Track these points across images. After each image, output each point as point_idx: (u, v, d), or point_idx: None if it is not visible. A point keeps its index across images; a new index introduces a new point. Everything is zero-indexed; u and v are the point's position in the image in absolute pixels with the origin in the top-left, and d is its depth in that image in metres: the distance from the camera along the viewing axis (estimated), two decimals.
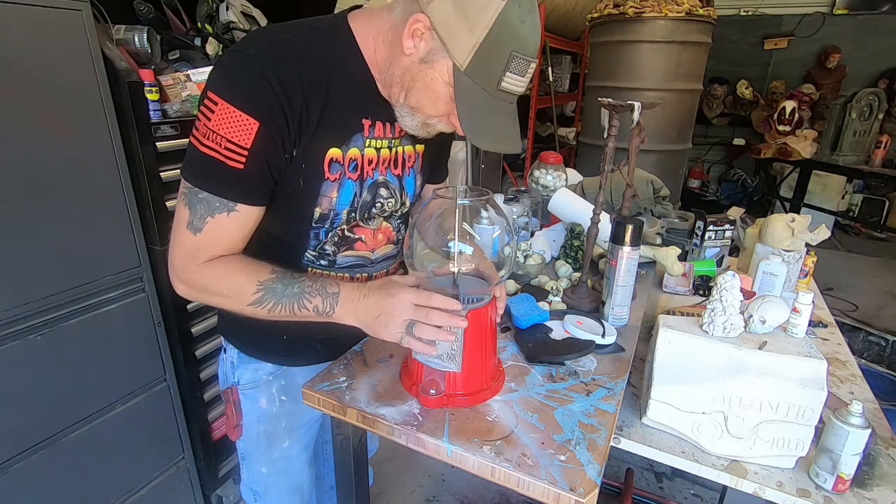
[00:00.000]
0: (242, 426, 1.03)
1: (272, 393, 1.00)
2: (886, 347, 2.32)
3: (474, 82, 0.71)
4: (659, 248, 1.38)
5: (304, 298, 0.77)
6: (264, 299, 0.77)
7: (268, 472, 1.05)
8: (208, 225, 0.75)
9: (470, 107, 0.73)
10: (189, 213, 0.75)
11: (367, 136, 0.84)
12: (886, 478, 0.81)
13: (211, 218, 0.75)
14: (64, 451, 1.27)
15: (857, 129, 3.56)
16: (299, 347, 0.98)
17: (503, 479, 0.70)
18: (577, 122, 4.69)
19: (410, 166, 0.95)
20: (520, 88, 0.74)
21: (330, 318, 0.79)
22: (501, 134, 0.77)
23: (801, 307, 0.83)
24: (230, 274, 0.77)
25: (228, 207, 0.75)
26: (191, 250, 0.77)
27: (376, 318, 0.76)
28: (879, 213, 4.47)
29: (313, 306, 0.78)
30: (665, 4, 2.91)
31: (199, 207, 0.74)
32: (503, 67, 0.70)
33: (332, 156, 0.81)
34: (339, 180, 0.83)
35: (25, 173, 1.11)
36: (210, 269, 0.77)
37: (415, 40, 0.71)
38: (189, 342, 1.54)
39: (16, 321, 1.14)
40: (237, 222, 0.77)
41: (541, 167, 1.74)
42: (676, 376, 0.84)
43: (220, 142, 0.71)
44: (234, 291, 0.77)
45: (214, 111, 0.70)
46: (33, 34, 1.08)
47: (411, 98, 0.77)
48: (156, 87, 1.33)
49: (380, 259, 0.97)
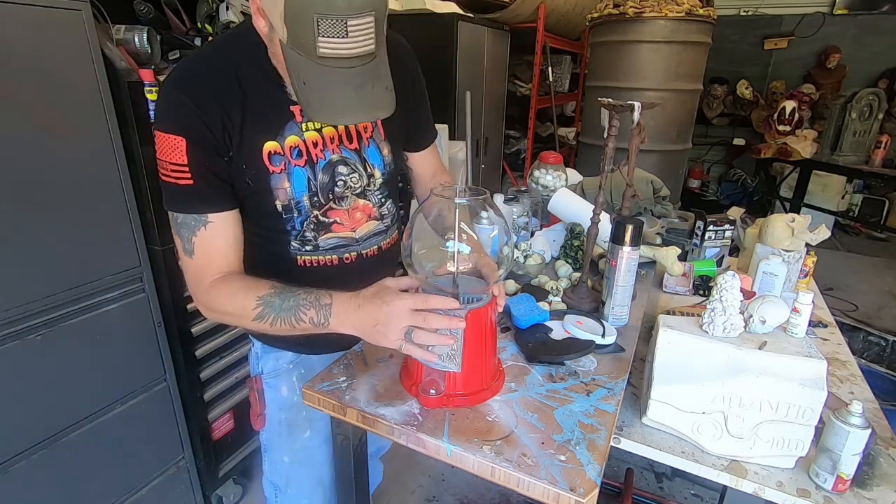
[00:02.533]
0: (266, 415, 1.05)
1: (292, 381, 1.03)
2: (886, 347, 2.32)
3: (298, 53, 0.68)
4: (659, 248, 1.38)
5: (300, 311, 0.79)
6: (265, 314, 0.80)
7: (290, 462, 1.06)
8: (196, 245, 0.81)
9: (301, 79, 0.70)
10: (180, 239, 0.82)
11: (301, 120, 0.86)
12: (886, 478, 0.81)
13: (195, 237, 0.81)
14: (64, 451, 1.27)
15: (857, 129, 3.57)
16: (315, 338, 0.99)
17: (503, 479, 0.70)
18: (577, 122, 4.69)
19: (368, 137, 0.94)
20: (347, 50, 0.67)
21: (327, 329, 0.80)
22: (338, 105, 0.72)
23: (801, 307, 0.83)
24: (233, 293, 0.82)
25: (202, 221, 0.81)
26: (194, 275, 0.83)
27: (374, 327, 0.76)
28: (879, 213, 4.47)
29: (308, 318, 0.79)
30: (665, 4, 2.91)
31: (183, 231, 0.81)
32: (313, 33, 0.65)
33: (270, 149, 0.83)
34: (285, 170, 0.85)
35: (25, 173, 1.11)
36: (215, 290, 0.82)
37: (258, 20, 0.72)
38: (189, 342, 1.54)
39: (16, 321, 1.14)
40: (216, 233, 0.82)
41: (541, 167, 1.74)
42: (676, 376, 0.84)
43: (166, 167, 0.78)
44: (238, 309, 0.81)
45: (157, 143, 0.78)
46: (33, 34, 1.08)
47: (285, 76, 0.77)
48: (156, 86, 1.33)
49: (365, 237, 0.98)
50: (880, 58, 4.59)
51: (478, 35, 3.21)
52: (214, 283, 0.82)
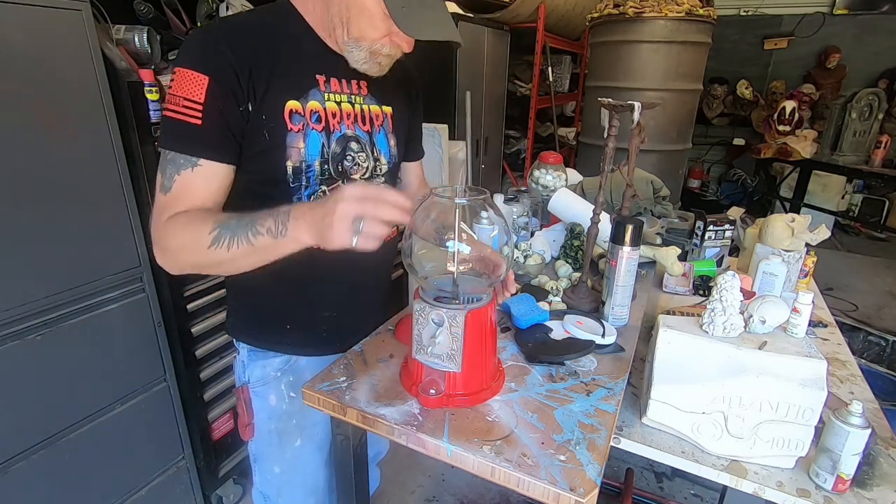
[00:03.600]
0: (254, 425, 1.03)
1: (281, 389, 1.01)
2: (886, 347, 2.32)
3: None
4: (659, 248, 1.38)
5: (257, 224, 0.74)
6: (221, 236, 0.75)
7: (280, 472, 1.04)
8: (176, 183, 0.79)
9: (399, 3, 0.79)
10: (161, 176, 0.80)
11: (324, 90, 0.89)
12: (886, 478, 0.81)
13: (178, 175, 0.78)
14: (64, 451, 1.27)
15: (857, 129, 3.57)
16: (304, 332, 1.00)
17: (503, 479, 0.70)
18: (577, 122, 4.69)
19: (380, 125, 0.98)
20: None
21: (286, 240, 0.74)
22: (436, 26, 0.83)
23: (801, 307, 0.83)
24: (188, 221, 0.78)
25: (192, 163, 0.79)
26: (159, 210, 0.80)
27: (323, 220, 0.71)
28: (879, 213, 4.47)
29: (266, 228, 0.74)
30: (665, 4, 2.91)
31: (169, 168, 0.79)
32: None
33: (292, 107, 0.85)
34: (302, 131, 0.86)
35: (25, 173, 1.11)
36: (171, 222, 0.78)
37: None
38: (189, 342, 1.54)
39: (16, 321, 1.14)
40: (202, 178, 0.80)
41: (541, 167, 1.74)
42: (676, 376, 0.84)
43: (178, 102, 0.77)
44: (192, 238, 0.76)
45: (174, 79, 0.78)
46: (33, 34, 1.08)
47: (352, 29, 0.83)
48: (156, 87, 1.33)
49: None
50: (880, 58, 4.59)
51: (478, 35, 3.21)
52: (173, 216, 0.78)
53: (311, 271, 0.95)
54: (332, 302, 1.00)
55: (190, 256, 0.79)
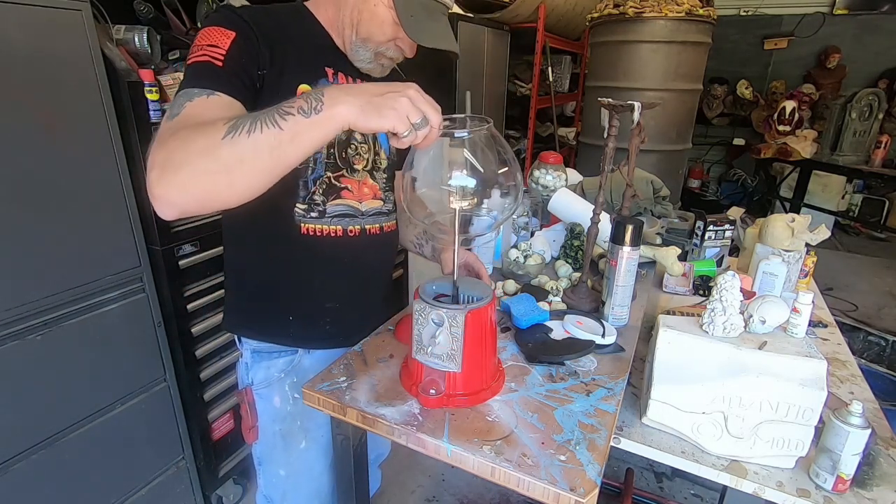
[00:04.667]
0: (258, 427, 1.02)
1: (285, 391, 1.01)
2: (886, 347, 2.32)
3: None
4: (659, 248, 1.38)
5: (284, 106, 0.64)
6: (239, 123, 0.63)
7: (286, 475, 1.03)
8: (186, 109, 0.71)
9: (409, 13, 0.86)
10: (170, 110, 0.72)
11: (332, 81, 0.92)
12: (886, 478, 0.81)
13: (189, 102, 0.72)
14: (64, 451, 1.27)
15: (857, 129, 3.56)
16: (307, 325, 1.00)
17: (503, 479, 0.70)
18: (577, 122, 4.69)
19: None
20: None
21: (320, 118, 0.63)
22: (439, 35, 0.90)
23: (801, 307, 0.83)
24: (197, 125, 0.66)
25: (207, 92, 0.74)
26: (162, 133, 0.69)
27: (382, 95, 0.64)
28: (879, 213, 4.47)
29: (297, 107, 0.63)
30: (665, 4, 2.91)
31: (182, 98, 0.73)
32: None
33: (303, 90, 0.86)
34: None
35: (25, 173, 1.11)
36: (177, 135, 0.66)
37: None
38: (189, 342, 1.54)
39: (16, 321, 1.14)
40: (216, 104, 0.73)
41: (541, 167, 1.74)
42: (676, 376, 0.84)
43: (202, 48, 0.78)
44: (204, 134, 0.64)
45: (199, 35, 0.80)
46: (33, 34, 1.08)
47: (361, 30, 0.89)
48: (156, 87, 1.33)
49: (370, 213, 0.99)
50: (880, 58, 4.58)
51: (478, 35, 3.21)
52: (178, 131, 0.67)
53: (313, 263, 0.96)
54: (334, 294, 1.00)
55: (199, 161, 0.63)
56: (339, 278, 1.00)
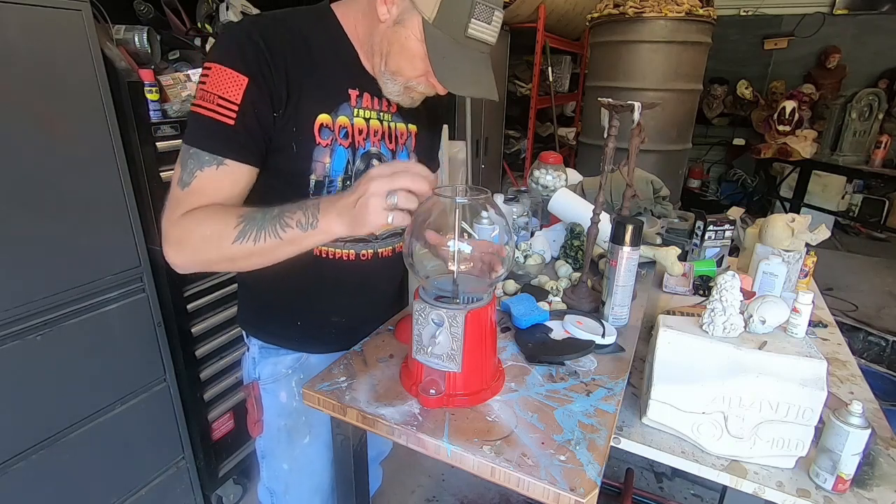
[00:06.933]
0: (263, 422, 1.03)
1: (291, 387, 1.01)
2: (886, 347, 2.32)
3: (443, 32, 0.77)
4: (659, 248, 1.38)
5: (285, 217, 0.74)
6: (247, 230, 0.74)
7: (289, 469, 1.04)
8: (196, 178, 0.76)
9: (441, 54, 0.78)
10: (181, 170, 0.77)
11: (355, 105, 0.88)
12: (886, 478, 0.81)
13: (200, 172, 0.76)
14: (64, 451, 1.27)
15: (857, 129, 3.56)
16: (315, 332, 1.00)
17: (503, 479, 0.70)
18: (577, 122, 4.69)
19: (403, 143, 0.98)
20: (488, 36, 0.80)
21: (317, 232, 0.73)
22: (474, 80, 0.82)
23: (801, 307, 0.83)
24: (209, 215, 0.76)
25: (218, 161, 0.77)
26: (175, 203, 0.77)
27: (355, 205, 0.70)
28: (879, 213, 4.47)
29: (296, 221, 0.73)
30: (665, 4, 2.91)
31: (190, 163, 0.77)
32: (468, 14, 0.76)
33: (322, 121, 0.84)
34: (330, 146, 0.86)
35: (25, 173, 1.11)
36: (188, 216, 0.76)
37: (387, 5, 0.79)
38: (189, 342, 1.54)
39: (16, 321, 1.14)
40: (226, 176, 0.78)
41: (541, 167, 1.74)
42: (676, 376, 0.84)
43: (212, 100, 0.75)
44: (215, 231, 0.74)
45: (209, 75, 0.76)
46: (33, 34, 1.08)
47: (391, 62, 0.83)
48: (156, 87, 1.33)
49: (385, 235, 0.98)
50: (880, 58, 4.59)
51: None
52: (190, 211, 0.76)
53: (323, 283, 0.96)
54: (342, 310, 1.01)
55: (211, 252, 0.76)
56: (348, 297, 1.00)
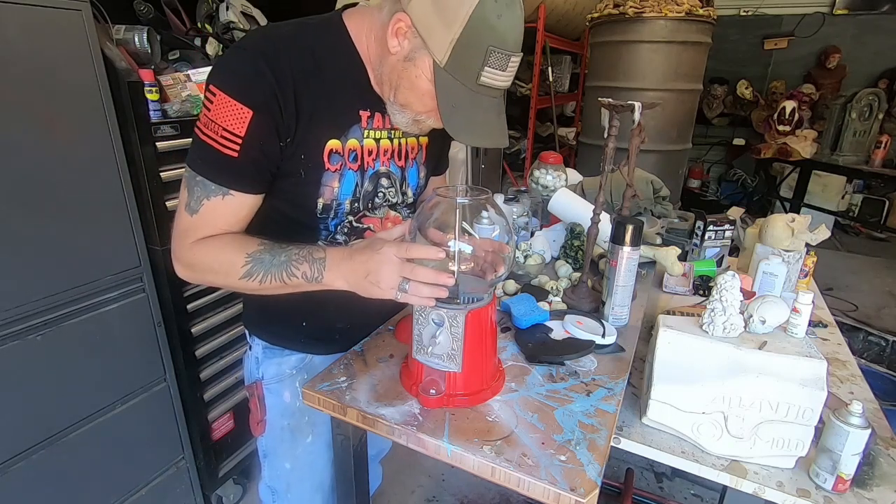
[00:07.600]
0: (266, 421, 1.03)
1: (295, 387, 1.01)
2: (886, 347, 2.32)
3: (454, 78, 0.73)
4: (659, 248, 1.38)
5: (292, 266, 0.77)
6: (254, 271, 0.77)
7: (291, 468, 1.04)
8: (204, 207, 0.78)
9: (451, 102, 0.75)
10: (188, 195, 0.79)
11: (366, 126, 0.87)
12: (886, 478, 0.81)
13: (206, 200, 0.78)
14: (64, 451, 1.27)
15: (857, 129, 3.56)
16: (319, 335, 1.01)
17: (503, 479, 0.70)
18: (577, 122, 4.69)
19: (413, 157, 0.97)
20: (502, 83, 0.75)
21: (320, 285, 0.78)
22: (484, 129, 0.79)
23: (801, 307, 0.83)
24: (219, 249, 0.79)
25: (223, 192, 0.78)
26: (185, 230, 0.80)
27: (365, 278, 0.75)
28: (879, 213, 4.47)
29: (301, 273, 0.77)
30: (665, 4, 2.91)
31: (197, 190, 0.78)
32: (481, 62, 0.72)
33: (332, 147, 0.83)
34: (339, 171, 0.85)
35: (25, 173, 1.11)
36: (201, 245, 0.79)
37: (398, 39, 0.75)
38: (189, 342, 1.54)
39: (16, 321, 1.14)
40: (231, 207, 0.79)
41: (541, 167, 1.74)
42: (676, 376, 0.84)
43: (216, 130, 0.75)
44: (224, 266, 0.78)
45: (213, 101, 0.74)
46: (33, 34, 1.08)
47: (399, 96, 0.80)
48: (156, 87, 1.33)
49: None
50: (880, 58, 4.58)
51: None
52: (202, 239, 0.79)
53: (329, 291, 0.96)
54: (347, 317, 1.00)
55: (218, 282, 0.82)
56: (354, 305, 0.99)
